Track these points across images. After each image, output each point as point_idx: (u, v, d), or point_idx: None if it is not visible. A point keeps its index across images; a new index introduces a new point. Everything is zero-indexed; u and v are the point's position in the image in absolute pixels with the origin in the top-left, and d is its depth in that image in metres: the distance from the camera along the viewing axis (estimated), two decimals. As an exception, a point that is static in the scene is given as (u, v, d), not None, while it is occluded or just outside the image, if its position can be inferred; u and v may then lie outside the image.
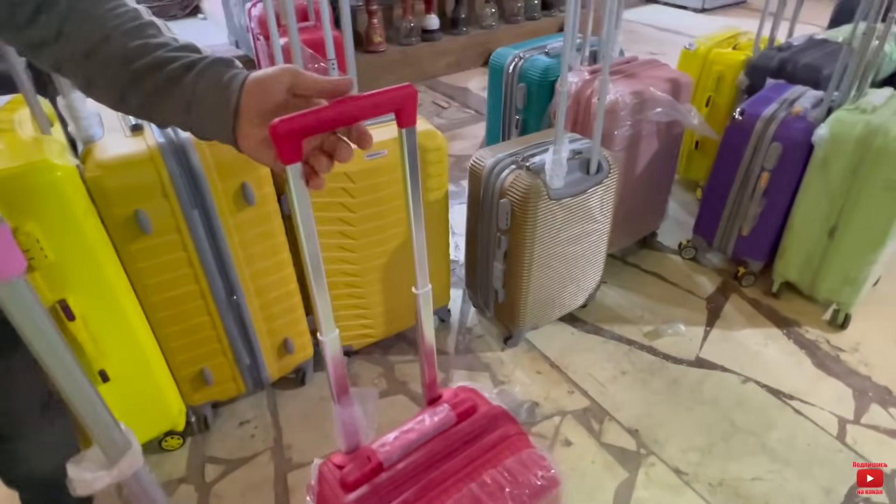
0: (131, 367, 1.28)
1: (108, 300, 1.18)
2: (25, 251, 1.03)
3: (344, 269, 1.51)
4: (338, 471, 0.82)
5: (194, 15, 4.61)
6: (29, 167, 1.01)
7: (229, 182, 1.23)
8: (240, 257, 1.32)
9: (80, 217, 1.09)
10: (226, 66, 0.64)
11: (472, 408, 0.92)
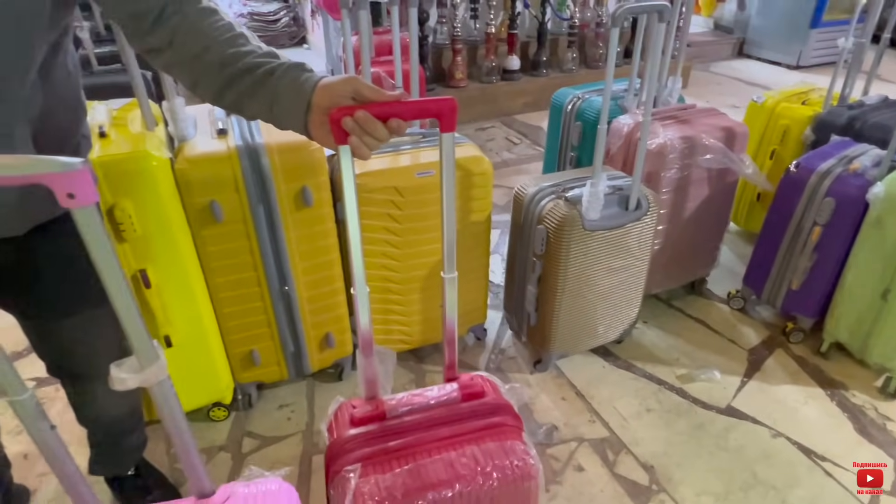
0: (192, 338, 1.46)
1: (179, 275, 1.38)
2: (119, 224, 1.24)
3: (386, 275, 1.65)
4: (351, 409, 0.99)
5: (300, 45, 5.07)
6: (131, 155, 1.23)
7: (292, 184, 1.40)
8: (294, 252, 1.49)
9: (167, 201, 1.29)
10: (300, 71, 0.81)
11: (479, 393, 1.01)
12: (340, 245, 1.57)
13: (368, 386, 1.01)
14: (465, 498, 0.87)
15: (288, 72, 0.80)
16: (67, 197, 0.53)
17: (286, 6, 5.07)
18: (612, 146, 1.87)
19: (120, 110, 1.45)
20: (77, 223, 0.56)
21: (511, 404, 1.01)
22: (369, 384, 1.02)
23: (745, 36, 5.41)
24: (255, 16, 4.95)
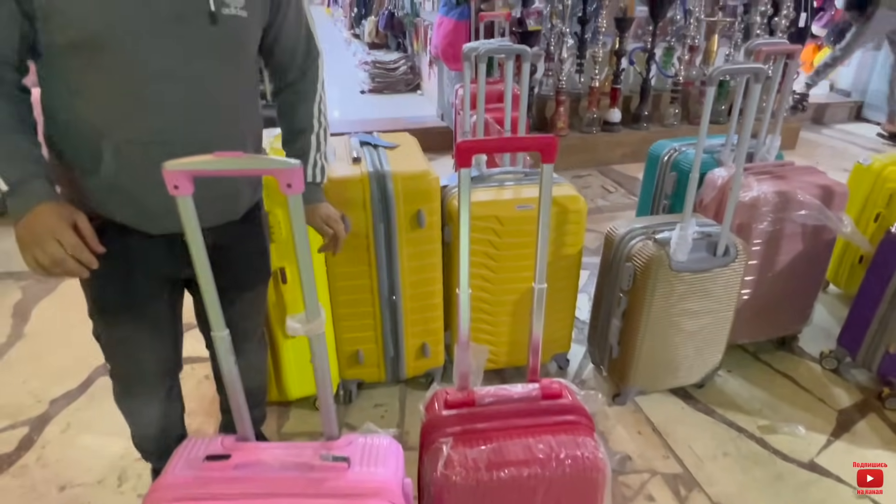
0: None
1: None
2: (272, 227, 1.51)
3: (480, 296, 1.82)
4: (446, 395, 1.16)
5: (415, 91, 5.51)
6: (287, 173, 1.51)
7: (410, 207, 1.63)
8: (404, 267, 1.71)
9: (308, 213, 1.56)
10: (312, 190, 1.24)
11: (557, 394, 1.16)
12: (443, 265, 1.77)
13: (462, 376, 1.18)
14: (538, 479, 1.01)
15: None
16: (287, 186, 0.79)
17: (405, 56, 5.55)
18: (706, 197, 1.96)
19: (275, 138, 1.76)
20: (289, 205, 0.80)
21: (583, 405, 1.14)
22: (462, 375, 1.18)
23: (864, 100, 5.22)
24: (377, 63, 5.46)
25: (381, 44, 6.14)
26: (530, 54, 1.87)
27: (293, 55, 1.17)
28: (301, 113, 1.21)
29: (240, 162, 0.78)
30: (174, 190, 0.79)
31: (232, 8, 0.97)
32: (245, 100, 1.09)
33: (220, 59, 1.01)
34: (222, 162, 0.78)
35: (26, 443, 1.77)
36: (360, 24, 6.82)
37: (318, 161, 1.25)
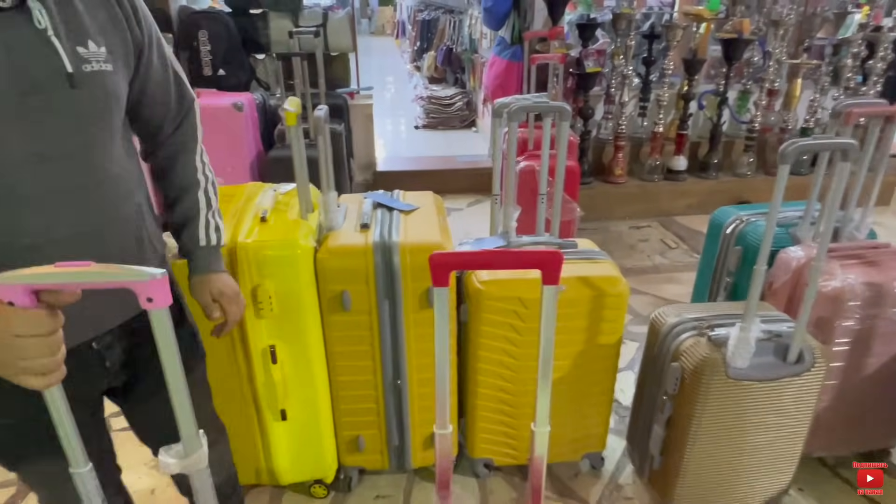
0: (305, 415, 1.52)
1: (303, 355, 1.46)
2: (259, 302, 1.36)
3: (501, 385, 1.59)
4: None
5: (469, 128, 5.37)
6: (281, 242, 1.35)
7: (419, 284, 1.43)
8: (411, 349, 1.50)
9: (304, 286, 1.39)
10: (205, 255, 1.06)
11: None
12: (458, 347, 1.56)
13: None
14: None
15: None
16: (147, 300, 0.62)
17: (462, 92, 5.44)
18: (777, 280, 1.66)
19: (285, 195, 1.62)
20: (151, 321, 0.66)
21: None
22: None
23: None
24: (432, 99, 5.37)
25: (439, 78, 6.07)
26: (569, 112, 1.65)
27: (166, 106, 0.99)
28: (182, 169, 1.03)
29: (87, 274, 0.61)
30: (6, 307, 0.62)
31: (93, 63, 0.81)
32: (132, 167, 0.93)
33: (91, 127, 0.83)
34: (65, 274, 0.61)
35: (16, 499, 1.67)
36: (422, 58, 6.80)
37: (210, 220, 1.05)
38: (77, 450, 0.69)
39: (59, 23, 0.77)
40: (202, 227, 1.04)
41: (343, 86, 3.89)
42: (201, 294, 1.05)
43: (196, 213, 1.04)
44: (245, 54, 3.58)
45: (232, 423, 1.28)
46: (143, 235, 0.93)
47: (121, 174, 0.89)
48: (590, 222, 3.56)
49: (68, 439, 0.68)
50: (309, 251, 1.39)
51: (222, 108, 3.10)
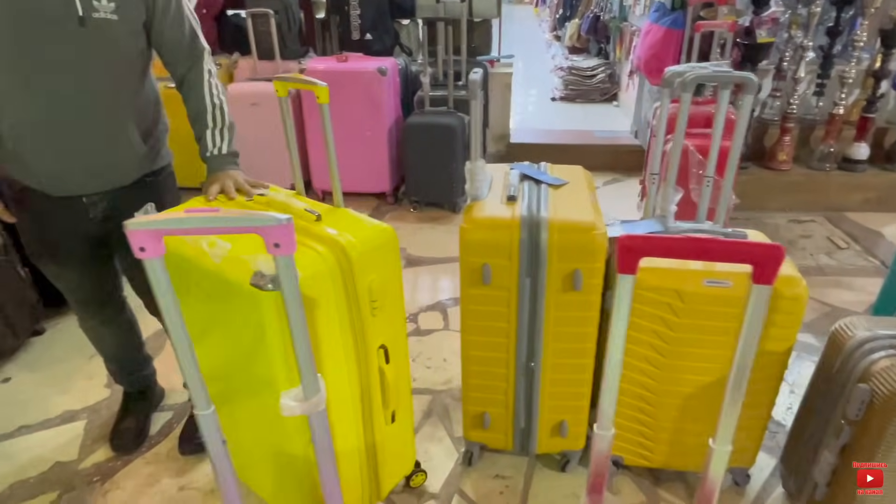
0: (405, 414, 1.46)
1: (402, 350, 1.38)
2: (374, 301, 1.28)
3: (642, 381, 1.46)
4: None
5: (610, 101, 5.06)
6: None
7: (564, 264, 1.34)
8: (549, 332, 1.42)
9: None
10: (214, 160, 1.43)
11: None
12: (599, 336, 1.45)
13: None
14: None
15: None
16: (274, 246, 0.61)
17: (606, 63, 5.12)
18: None
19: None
20: (278, 267, 0.68)
21: None
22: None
23: None
24: (573, 70, 5.12)
25: (581, 48, 5.77)
26: (756, 84, 1.44)
27: (177, 52, 1.38)
28: (194, 98, 1.41)
29: (216, 220, 0.61)
30: (140, 252, 0.63)
31: (101, 13, 1.20)
32: (124, 86, 1.32)
33: (91, 55, 1.22)
34: (195, 220, 0.61)
35: (165, 429, 1.84)
36: (563, 27, 6.50)
37: (217, 137, 1.41)
38: (204, 394, 0.69)
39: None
40: (209, 139, 1.41)
41: (483, 53, 3.80)
42: (208, 185, 1.36)
43: (204, 129, 1.40)
44: (391, 19, 3.60)
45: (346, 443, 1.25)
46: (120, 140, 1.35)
47: (108, 92, 1.28)
48: (741, 211, 3.21)
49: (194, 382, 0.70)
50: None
51: (367, 73, 3.15)
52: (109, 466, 1.71)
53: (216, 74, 1.43)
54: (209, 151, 1.41)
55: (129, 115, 1.36)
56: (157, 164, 1.49)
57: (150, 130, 1.43)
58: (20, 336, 2.19)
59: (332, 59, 3.33)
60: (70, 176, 1.35)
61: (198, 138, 1.42)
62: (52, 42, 1.19)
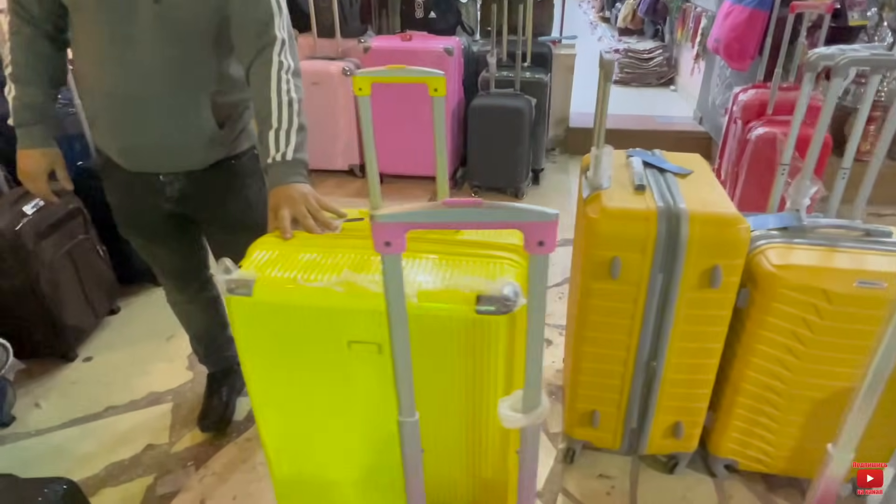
0: None
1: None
2: None
3: (769, 383, 1.38)
4: None
5: (667, 86, 4.90)
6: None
7: (704, 260, 1.26)
8: (677, 330, 1.35)
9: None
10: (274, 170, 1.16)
11: None
12: (728, 335, 1.37)
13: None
14: None
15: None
16: (538, 244, 0.55)
17: (663, 46, 4.95)
18: None
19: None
20: (531, 266, 0.63)
21: None
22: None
23: None
24: (629, 52, 4.96)
25: (633, 30, 5.59)
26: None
27: (245, 36, 1.19)
28: (258, 92, 1.19)
29: (476, 213, 0.55)
30: (384, 247, 0.58)
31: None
32: (200, 66, 1.22)
33: (163, 30, 1.16)
34: (449, 213, 0.55)
35: (253, 415, 1.82)
36: (613, 8, 6.30)
37: (280, 139, 1.15)
38: (411, 401, 0.64)
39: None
40: (272, 142, 1.15)
41: (545, 34, 3.68)
42: (275, 208, 1.10)
43: (267, 130, 1.16)
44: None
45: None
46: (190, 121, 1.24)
47: (178, 68, 1.19)
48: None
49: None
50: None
51: (434, 53, 3.06)
52: (202, 450, 1.69)
53: (292, 70, 1.19)
54: (270, 157, 1.15)
55: (203, 96, 1.25)
56: (239, 148, 1.38)
57: (229, 114, 1.32)
58: (99, 315, 2.18)
59: (395, 38, 3.24)
60: (142, 153, 1.29)
61: (259, 138, 1.20)
62: (127, 15, 1.14)
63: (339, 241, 1.04)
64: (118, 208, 1.44)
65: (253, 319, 0.96)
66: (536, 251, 0.56)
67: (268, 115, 1.15)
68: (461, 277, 0.88)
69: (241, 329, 0.97)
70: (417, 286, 0.87)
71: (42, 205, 1.91)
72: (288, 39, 1.20)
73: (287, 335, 0.95)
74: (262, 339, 0.97)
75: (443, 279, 0.89)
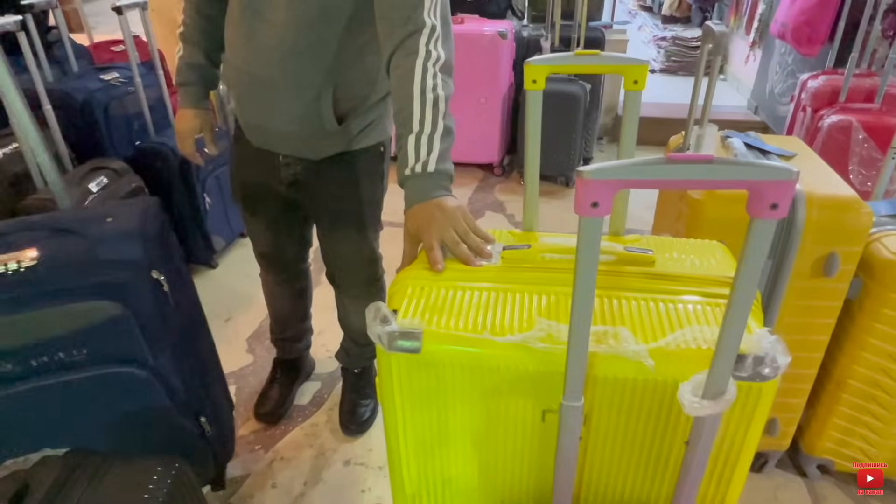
0: None
1: None
2: None
3: (881, 382, 1.30)
4: None
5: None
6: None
7: (820, 246, 1.18)
8: (782, 322, 1.27)
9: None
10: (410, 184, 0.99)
11: None
12: (835, 328, 1.29)
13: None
14: None
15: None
16: (771, 207, 0.47)
17: (711, 33, 4.80)
18: None
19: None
20: (751, 233, 0.55)
21: None
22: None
23: None
24: (676, 40, 4.83)
25: (679, 17, 5.43)
26: None
27: (388, 17, 1.03)
28: (399, 86, 1.00)
29: (700, 169, 0.49)
30: (589, 209, 0.52)
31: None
32: (335, 53, 1.14)
33: (296, 12, 1.11)
34: (675, 168, 0.50)
35: (318, 399, 1.78)
36: (657, -5, 6.14)
37: (421, 147, 0.94)
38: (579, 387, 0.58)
39: None
40: (411, 150, 0.95)
41: (595, 19, 3.58)
42: (419, 230, 0.90)
43: (406, 135, 0.96)
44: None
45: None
46: (313, 111, 1.18)
47: (312, 53, 1.14)
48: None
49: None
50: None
51: (488, 36, 2.99)
52: (268, 435, 1.66)
53: (442, 63, 1.00)
54: (409, 167, 0.94)
55: (326, 89, 1.17)
56: (359, 145, 1.29)
57: (353, 108, 1.22)
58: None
59: (447, 21, 3.17)
60: (264, 131, 1.28)
61: (397, 145, 1.00)
62: (270, 8, 1.12)
63: (507, 274, 0.84)
64: (236, 175, 1.44)
65: (414, 377, 0.77)
66: (767, 215, 0.50)
67: (409, 115, 0.96)
68: (694, 329, 0.71)
69: (396, 388, 0.78)
70: (643, 344, 0.69)
71: (106, 182, 1.89)
72: (441, 27, 1.02)
73: (456, 399, 0.77)
74: (421, 401, 0.79)
75: (670, 330, 0.71)
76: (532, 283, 0.82)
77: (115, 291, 0.99)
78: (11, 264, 0.94)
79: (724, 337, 0.59)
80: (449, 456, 0.82)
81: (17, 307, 0.93)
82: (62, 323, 0.96)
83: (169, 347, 1.09)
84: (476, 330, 0.74)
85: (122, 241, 1.03)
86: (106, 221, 1.06)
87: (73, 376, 0.99)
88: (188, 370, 1.17)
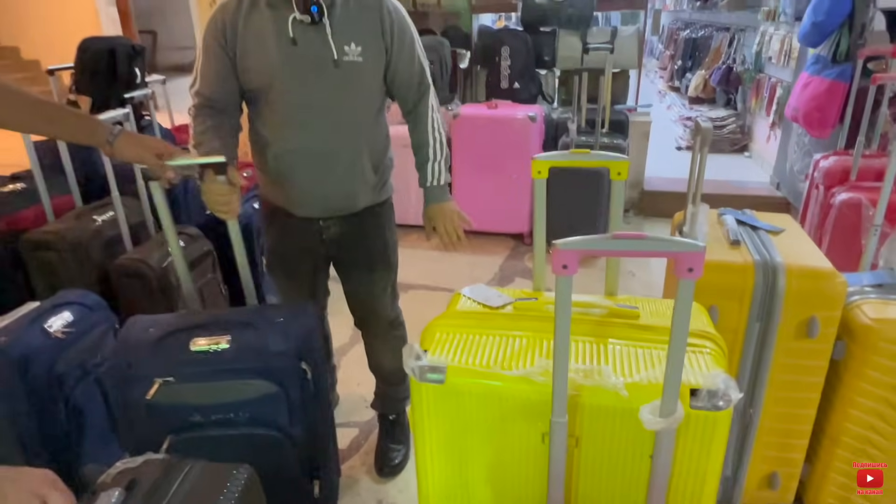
0: None
1: None
2: None
3: (868, 435, 1.40)
4: None
5: (740, 152, 4.96)
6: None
7: (801, 310, 1.34)
8: (774, 379, 1.41)
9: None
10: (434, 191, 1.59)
11: None
12: (825, 387, 1.42)
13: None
14: None
15: None
16: (687, 270, 0.66)
17: (735, 114, 5.06)
18: None
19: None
20: (679, 290, 0.75)
21: None
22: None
23: None
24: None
25: (705, 98, 5.73)
26: None
27: (408, 89, 1.51)
28: (419, 131, 1.54)
29: (638, 244, 0.68)
30: (561, 270, 0.72)
31: (351, 56, 1.38)
32: (364, 121, 1.48)
33: (343, 92, 1.41)
34: (618, 242, 0.70)
35: (355, 445, 1.95)
36: (683, 77, 6.49)
37: (436, 168, 1.54)
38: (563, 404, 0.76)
39: (336, 31, 1.36)
40: (429, 171, 1.54)
41: (621, 102, 3.88)
42: (426, 219, 1.57)
43: (426, 160, 1.54)
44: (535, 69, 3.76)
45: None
46: (356, 169, 1.49)
47: (354, 125, 1.45)
48: None
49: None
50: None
51: (519, 120, 3.31)
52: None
53: (438, 109, 1.56)
54: (429, 182, 1.54)
55: (365, 149, 1.50)
56: (382, 196, 1.62)
57: (379, 163, 1.57)
58: (217, 347, 2.41)
59: (482, 106, 3.51)
60: (313, 199, 1.52)
61: (418, 167, 1.55)
62: (313, 82, 1.38)
63: (518, 322, 1.07)
64: (274, 250, 1.67)
65: (440, 405, 0.98)
66: (686, 276, 0.69)
67: (426, 148, 1.53)
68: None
69: (425, 413, 0.98)
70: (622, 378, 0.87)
71: (183, 245, 2.18)
72: (432, 85, 1.55)
73: (474, 423, 0.97)
74: (445, 425, 0.99)
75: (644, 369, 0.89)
76: (535, 329, 1.04)
77: (274, 374, 1.28)
78: (213, 346, 1.25)
79: (668, 368, 0.77)
80: (468, 471, 1.01)
81: (212, 376, 1.25)
82: (237, 392, 1.26)
83: (304, 421, 1.34)
84: (489, 366, 0.94)
85: (286, 337, 1.30)
86: (277, 321, 1.34)
87: (235, 431, 1.28)
88: (314, 441, 1.40)
